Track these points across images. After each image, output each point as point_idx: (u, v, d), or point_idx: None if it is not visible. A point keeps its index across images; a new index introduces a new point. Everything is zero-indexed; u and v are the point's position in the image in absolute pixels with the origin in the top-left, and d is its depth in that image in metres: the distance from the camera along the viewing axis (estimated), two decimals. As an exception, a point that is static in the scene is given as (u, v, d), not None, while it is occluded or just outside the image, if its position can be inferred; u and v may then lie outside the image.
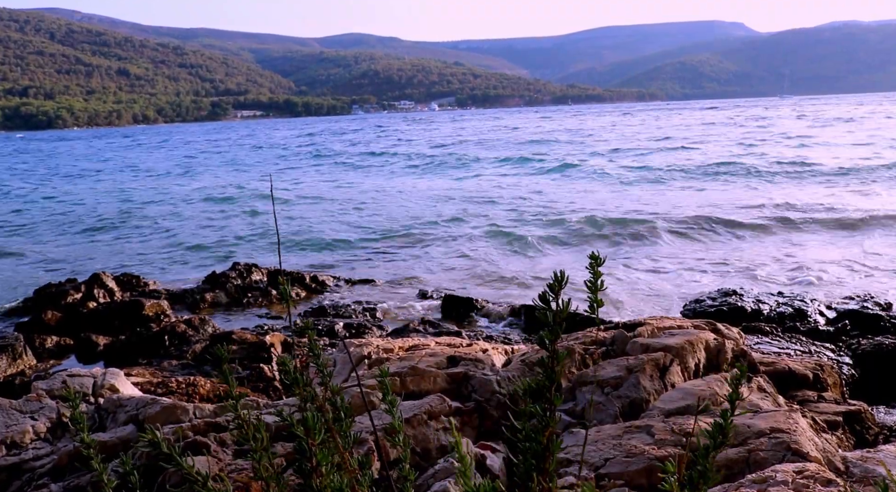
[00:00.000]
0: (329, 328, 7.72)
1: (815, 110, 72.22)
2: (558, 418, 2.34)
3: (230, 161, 42.40)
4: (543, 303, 1.43)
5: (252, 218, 18.07)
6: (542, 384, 1.48)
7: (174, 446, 1.27)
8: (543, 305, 1.44)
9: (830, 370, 4.75)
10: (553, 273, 1.43)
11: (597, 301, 1.45)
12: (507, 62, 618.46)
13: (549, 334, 1.45)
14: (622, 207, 16.71)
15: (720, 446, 1.39)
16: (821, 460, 2.76)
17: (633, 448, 2.88)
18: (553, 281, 1.43)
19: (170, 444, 1.35)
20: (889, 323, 6.97)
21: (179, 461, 1.28)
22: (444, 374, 3.49)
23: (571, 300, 1.47)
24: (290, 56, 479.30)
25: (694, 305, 8.00)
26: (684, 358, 3.72)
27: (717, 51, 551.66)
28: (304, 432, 1.62)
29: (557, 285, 1.42)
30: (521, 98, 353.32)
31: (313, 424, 1.61)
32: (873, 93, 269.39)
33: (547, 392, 1.49)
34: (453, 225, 15.42)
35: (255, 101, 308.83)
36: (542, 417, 1.46)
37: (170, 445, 1.33)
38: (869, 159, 24.30)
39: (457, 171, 29.22)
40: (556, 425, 1.48)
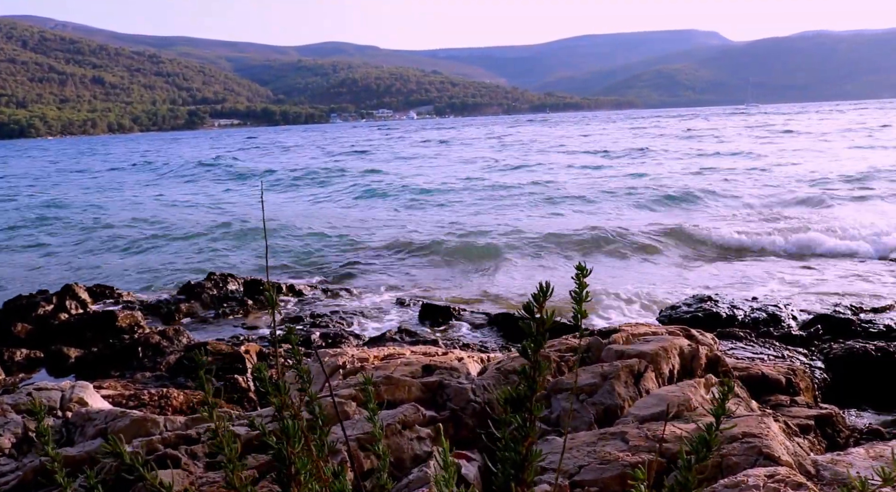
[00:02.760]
0: (305, 338, 7.66)
1: (762, 121, 72.96)
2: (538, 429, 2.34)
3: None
4: (528, 313, 1.43)
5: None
6: (523, 394, 1.48)
7: (136, 458, 1.25)
8: (527, 315, 1.44)
9: (803, 375, 4.80)
10: (538, 284, 1.43)
11: (581, 312, 1.46)
12: (485, 71, 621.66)
13: (532, 344, 1.45)
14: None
15: (704, 460, 1.40)
16: (792, 464, 2.78)
17: (608, 455, 2.89)
18: (538, 291, 1.43)
19: (133, 456, 1.32)
20: (860, 327, 7.06)
21: (143, 473, 1.26)
22: (418, 383, 3.48)
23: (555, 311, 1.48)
24: (268, 64, 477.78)
25: (669, 311, 8.06)
26: (658, 364, 3.74)
27: (692, 60, 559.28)
28: (283, 440, 1.61)
29: (542, 296, 1.42)
30: (499, 106, 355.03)
31: (293, 431, 1.60)
32: (844, 101, 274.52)
33: (528, 402, 1.49)
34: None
35: (233, 109, 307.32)
36: (521, 426, 1.46)
37: (133, 457, 1.31)
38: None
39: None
40: (535, 434, 1.48)
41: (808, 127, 56.55)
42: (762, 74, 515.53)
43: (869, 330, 7.02)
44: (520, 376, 1.37)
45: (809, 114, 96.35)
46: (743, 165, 26.89)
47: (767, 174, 23.58)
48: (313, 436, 1.53)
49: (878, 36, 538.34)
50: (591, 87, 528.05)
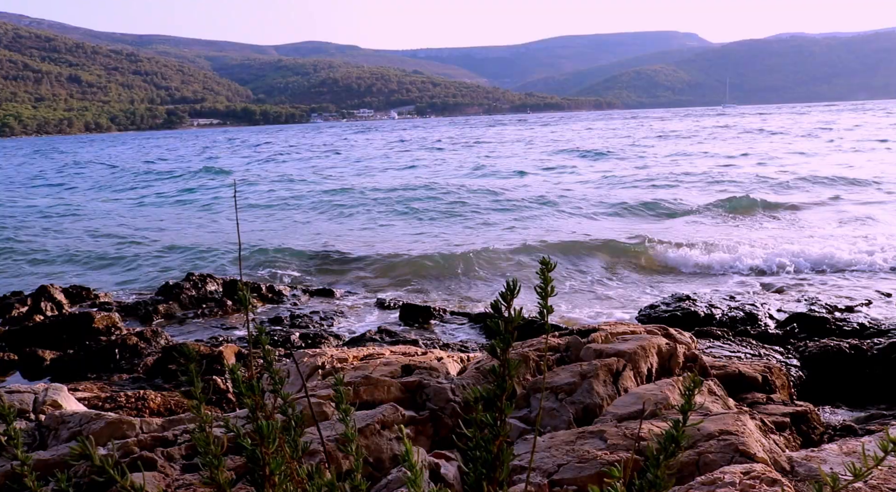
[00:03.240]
0: (285, 338, 7.62)
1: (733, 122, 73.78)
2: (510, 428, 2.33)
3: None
4: (496, 311, 1.43)
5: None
6: (493, 393, 1.47)
7: (106, 460, 1.23)
8: (495, 313, 1.44)
9: (779, 372, 4.85)
10: (506, 282, 1.43)
11: (546, 307, 1.46)
12: (466, 71, 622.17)
13: (501, 343, 1.44)
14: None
15: (672, 455, 1.40)
16: (767, 461, 2.81)
17: (586, 454, 2.90)
18: (505, 290, 1.43)
19: (105, 459, 1.30)
20: (834, 325, 7.17)
21: (113, 475, 1.24)
22: (398, 383, 3.47)
23: (523, 308, 1.47)
24: (247, 64, 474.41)
25: (648, 310, 8.12)
26: (637, 363, 3.77)
27: (671, 61, 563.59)
28: (258, 441, 1.59)
29: (510, 294, 1.41)
30: (479, 106, 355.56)
31: (267, 432, 1.59)
32: (817, 103, 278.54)
33: (498, 401, 1.48)
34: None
35: (212, 109, 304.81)
36: (492, 426, 1.46)
37: (104, 459, 1.29)
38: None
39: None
40: (506, 434, 1.48)
41: (781, 126, 57.65)
42: (739, 76, 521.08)
43: (843, 328, 7.12)
44: (490, 375, 1.37)
45: (781, 114, 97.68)
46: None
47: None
48: (288, 437, 1.52)
49: (852, 39, 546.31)
50: (571, 87, 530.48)
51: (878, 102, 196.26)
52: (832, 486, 1.20)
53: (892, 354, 5.56)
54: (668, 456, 1.45)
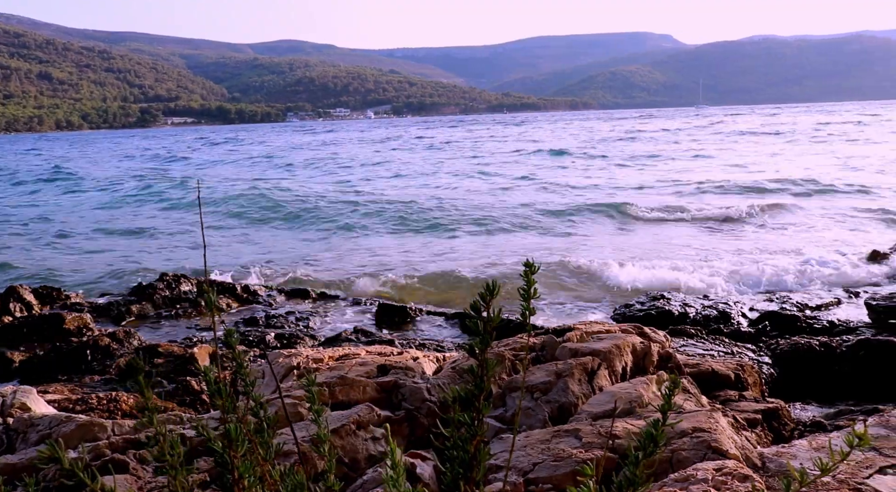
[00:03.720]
0: (260, 339, 7.57)
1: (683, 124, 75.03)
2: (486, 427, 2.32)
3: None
4: (475, 312, 1.43)
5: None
6: (471, 393, 1.48)
7: (76, 464, 1.21)
8: (474, 313, 1.44)
9: (751, 370, 4.92)
10: (485, 283, 1.43)
11: (529, 309, 1.46)
12: (442, 71, 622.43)
13: (479, 343, 1.45)
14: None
15: (651, 454, 1.41)
16: (739, 457, 2.85)
17: (562, 452, 2.92)
18: (484, 290, 1.43)
19: (74, 462, 1.29)
20: (805, 323, 7.28)
21: (83, 478, 1.22)
22: (373, 383, 3.46)
23: (502, 309, 1.48)
24: (222, 62, 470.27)
25: (623, 309, 8.18)
26: (612, 362, 3.79)
27: (646, 62, 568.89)
28: (226, 444, 1.58)
29: (489, 295, 1.42)
30: (456, 106, 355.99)
31: (235, 435, 1.57)
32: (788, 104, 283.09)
33: (475, 401, 1.49)
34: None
35: (187, 107, 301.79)
36: (470, 425, 1.46)
37: (74, 462, 1.28)
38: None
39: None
40: (483, 433, 1.48)
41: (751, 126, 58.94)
42: (713, 77, 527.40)
43: (813, 326, 7.24)
44: (468, 375, 1.37)
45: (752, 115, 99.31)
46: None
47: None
48: (260, 438, 1.51)
49: (822, 42, 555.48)
50: (548, 87, 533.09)
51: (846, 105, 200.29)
52: (800, 481, 1.22)
53: (859, 352, 5.66)
54: (646, 455, 1.46)
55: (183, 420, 3.29)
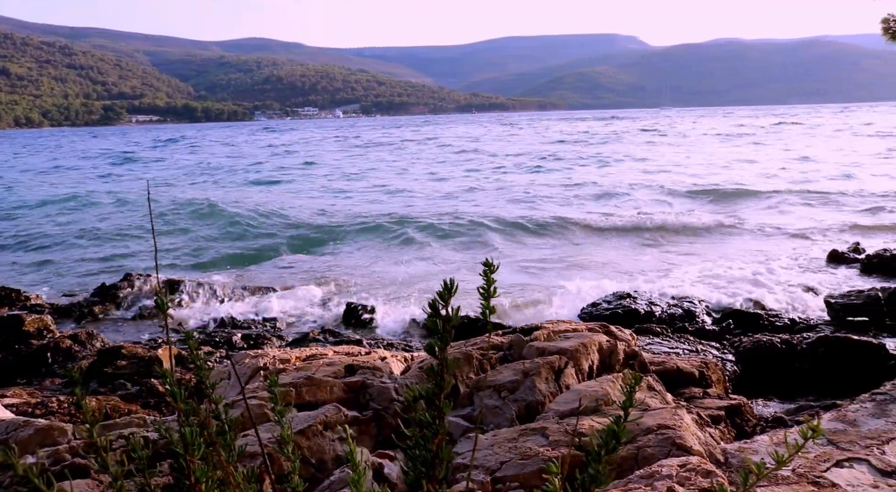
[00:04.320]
0: (226, 339, 7.48)
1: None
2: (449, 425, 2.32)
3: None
4: (433, 311, 1.43)
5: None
6: (432, 392, 1.48)
7: (31, 469, 1.19)
8: (432, 312, 1.44)
9: (715, 367, 4.99)
10: (443, 281, 1.43)
11: (489, 308, 1.47)
12: (411, 70, 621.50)
13: (438, 342, 1.45)
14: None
15: (613, 451, 1.43)
16: (703, 453, 2.89)
17: (529, 451, 2.93)
18: (442, 289, 1.43)
19: (30, 467, 1.26)
20: (767, 321, 7.43)
21: (38, 484, 1.20)
22: (341, 383, 3.44)
23: (461, 307, 1.48)
24: (189, 59, 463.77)
25: (590, 308, 8.25)
26: (578, 360, 3.82)
27: (613, 63, 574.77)
28: (182, 448, 1.56)
29: (447, 293, 1.42)
30: (425, 106, 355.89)
31: (191, 439, 1.55)
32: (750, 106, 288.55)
33: (436, 400, 1.49)
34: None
35: (152, 105, 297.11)
36: (431, 424, 1.46)
37: (29, 468, 1.25)
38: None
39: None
40: (445, 432, 1.48)
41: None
42: (679, 79, 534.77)
43: (775, 324, 7.38)
44: (429, 374, 1.37)
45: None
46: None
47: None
48: (223, 441, 1.49)
49: (786, 45, 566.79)
50: (516, 87, 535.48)
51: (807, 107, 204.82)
52: (757, 474, 1.25)
53: (819, 349, 5.79)
54: (608, 451, 1.47)
55: (146, 423, 3.24)
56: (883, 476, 2.53)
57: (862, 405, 3.23)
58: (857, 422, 3.06)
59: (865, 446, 2.78)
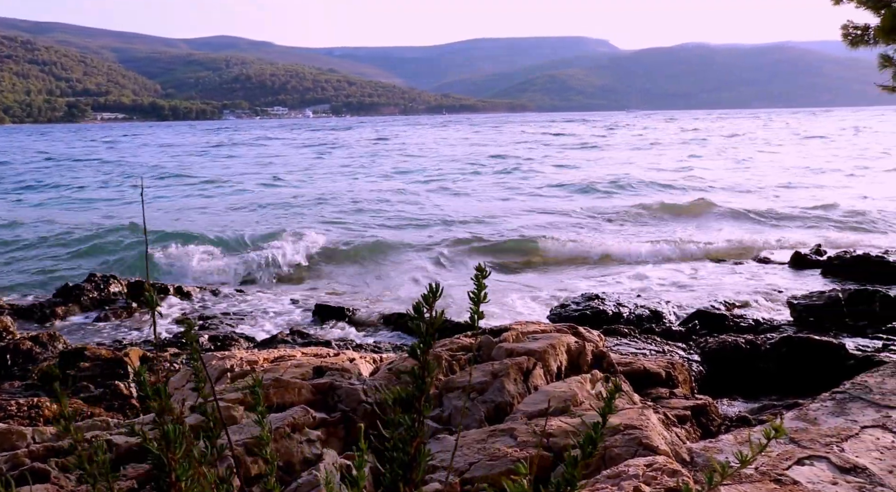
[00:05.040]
0: (194, 341, 7.38)
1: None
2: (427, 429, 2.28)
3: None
4: (417, 314, 1.43)
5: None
6: (412, 394, 1.47)
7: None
8: (417, 315, 1.43)
9: (681, 368, 5.06)
10: (428, 285, 1.43)
11: (478, 313, 1.47)
12: (381, 70, 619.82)
13: (421, 345, 1.44)
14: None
15: (590, 456, 1.44)
16: (669, 453, 2.92)
17: (497, 451, 2.94)
18: (427, 292, 1.43)
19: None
20: (732, 322, 7.54)
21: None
22: (309, 385, 3.42)
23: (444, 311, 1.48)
24: (156, 57, 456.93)
25: (559, 310, 8.31)
26: (547, 361, 3.85)
27: (583, 66, 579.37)
28: (163, 446, 1.53)
29: (431, 297, 1.42)
30: (396, 107, 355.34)
31: (173, 436, 1.53)
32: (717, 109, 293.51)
33: (416, 402, 1.48)
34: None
35: (118, 102, 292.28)
36: (410, 427, 1.45)
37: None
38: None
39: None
40: (424, 435, 1.48)
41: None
42: (648, 82, 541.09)
43: (740, 325, 7.50)
44: (409, 377, 1.37)
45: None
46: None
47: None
48: (196, 441, 1.47)
49: (751, 50, 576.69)
50: (487, 89, 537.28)
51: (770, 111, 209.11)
52: (722, 473, 1.27)
53: (782, 349, 5.90)
54: (586, 456, 1.48)
55: (110, 426, 3.18)
56: (842, 473, 2.58)
57: (822, 404, 3.30)
58: (818, 420, 3.12)
59: (825, 443, 2.84)
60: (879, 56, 6.66)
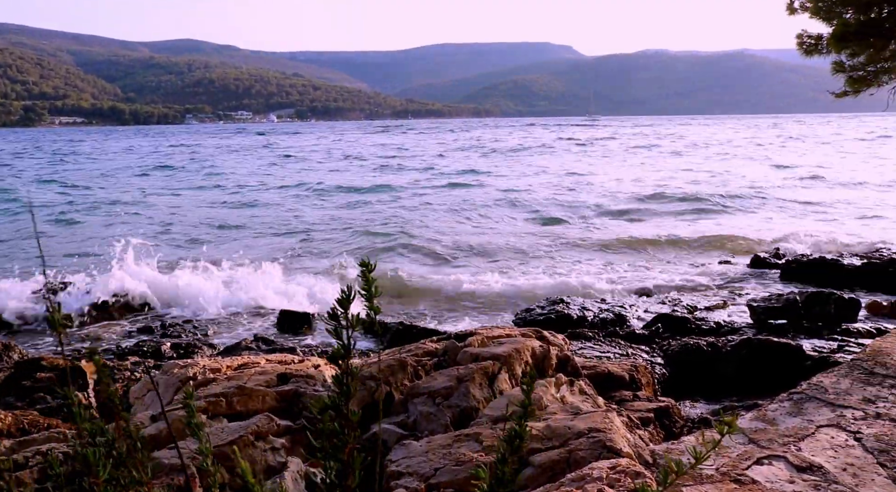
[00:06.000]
0: (155, 349, 7.25)
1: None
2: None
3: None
4: (333, 319, 1.41)
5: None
6: (338, 401, 1.45)
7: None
8: (333, 321, 1.41)
9: (644, 370, 5.12)
10: (341, 290, 1.41)
11: (374, 308, 1.46)
12: (346, 75, 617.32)
13: (341, 350, 1.43)
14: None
15: (518, 451, 1.45)
16: (632, 455, 2.96)
17: (463, 456, 2.95)
18: (341, 296, 1.41)
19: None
20: (694, 325, 7.67)
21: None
22: (273, 392, 3.39)
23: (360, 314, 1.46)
24: (115, 60, 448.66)
25: (525, 313, 8.36)
26: (512, 365, 3.87)
27: (547, 71, 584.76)
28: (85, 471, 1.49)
29: (346, 301, 1.40)
30: (361, 111, 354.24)
31: (94, 460, 1.48)
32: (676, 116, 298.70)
33: (344, 409, 1.47)
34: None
35: (76, 106, 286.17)
36: (340, 433, 1.44)
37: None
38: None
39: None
40: (354, 441, 1.46)
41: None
42: (610, 88, 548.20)
43: (702, 327, 7.63)
44: (335, 383, 1.37)
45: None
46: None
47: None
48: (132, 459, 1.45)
49: (710, 57, 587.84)
50: (452, 94, 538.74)
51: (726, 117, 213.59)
52: (676, 472, 1.29)
53: (742, 351, 6.01)
54: (513, 452, 1.50)
55: (68, 437, 3.11)
56: (798, 472, 2.64)
57: (780, 404, 3.37)
58: (777, 420, 3.19)
59: (783, 443, 2.90)
60: (833, 63, 6.86)
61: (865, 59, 6.49)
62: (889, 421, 3.07)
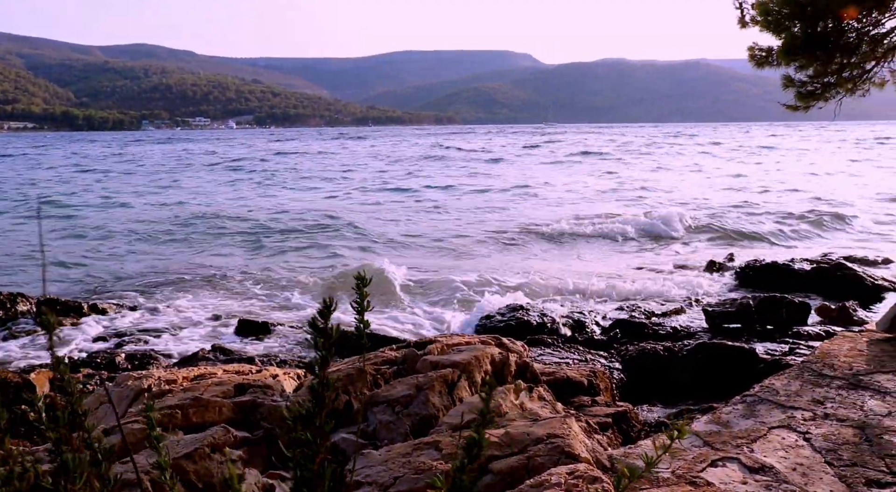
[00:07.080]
0: (109, 360, 7.09)
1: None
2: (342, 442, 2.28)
3: None
4: (313, 328, 1.41)
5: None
6: (312, 411, 1.45)
7: None
8: (313, 330, 1.42)
9: (603, 376, 5.18)
10: (322, 300, 1.41)
11: (363, 322, 1.46)
12: (306, 81, 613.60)
13: (320, 360, 1.43)
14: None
15: (476, 458, 1.46)
16: (590, 460, 2.99)
17: (422, 465, 2.94)
18: (322, 306, 1.41)
19: None
20: (651, 330, 7.79)
21: None
22: (230, 403, 3.34)
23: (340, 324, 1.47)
24: (68, 64, 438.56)
25: (485, 321, 8.39)
26: (471, 373, 3.88)
27: (508, 79, 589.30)
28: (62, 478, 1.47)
29: (326, 311, 1.40)
30: (321, 118, 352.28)
31: (73, 466, 1.46)
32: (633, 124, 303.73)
33: (317, 418, 1.47)
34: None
35: (26, 111, 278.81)
36: (312, 444, 1.44)
37: None
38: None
39: None
40: (326, 451, 1.46)
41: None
42: (570, 95, 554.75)
43: (659, 332, 7.75)
44: (309, 392, 1.36)
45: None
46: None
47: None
48: (96, 471, 1.42)
49: (667, 66, 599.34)
50: (413, 101, 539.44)
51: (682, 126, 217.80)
52: (629, 477, 1.31)
53: (698, 355, 6.13)
54: (472, 459, 1.50)
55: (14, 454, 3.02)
56: (751, 473, 2.70)
57: (734, 407, 3.44)
58: (730, 423, 3.26)
59: (736, 445, 2.97)
60: (782, 76, 7.05)
61: (813, 73, 6.68)
62: (836, 421, 3.16)
